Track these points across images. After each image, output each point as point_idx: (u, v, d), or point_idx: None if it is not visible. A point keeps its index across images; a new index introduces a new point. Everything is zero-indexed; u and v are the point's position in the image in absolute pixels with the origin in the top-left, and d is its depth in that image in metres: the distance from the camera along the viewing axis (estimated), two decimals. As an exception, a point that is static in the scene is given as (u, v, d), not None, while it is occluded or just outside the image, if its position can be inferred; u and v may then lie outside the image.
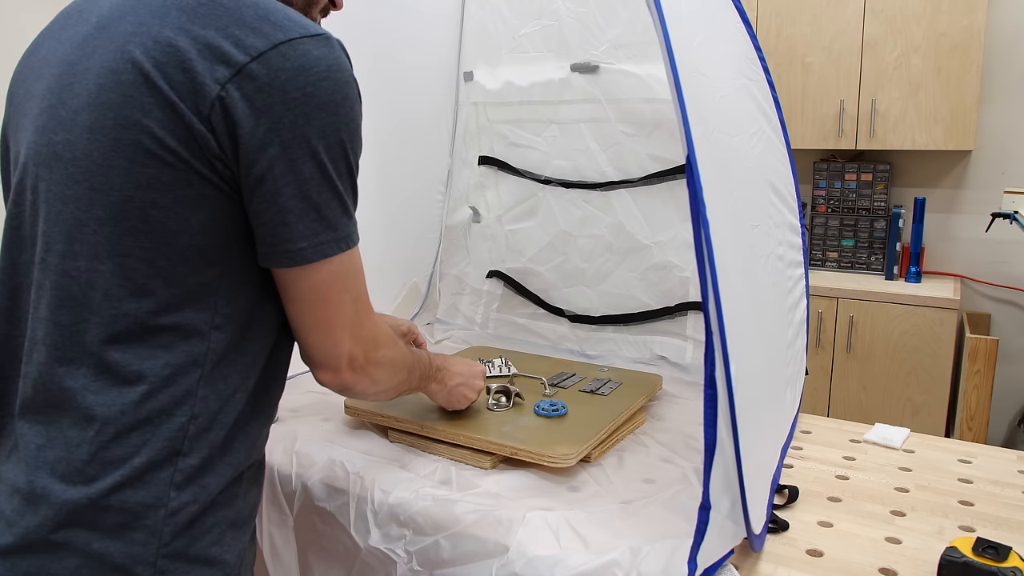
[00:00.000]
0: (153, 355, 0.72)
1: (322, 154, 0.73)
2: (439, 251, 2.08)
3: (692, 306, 1.68)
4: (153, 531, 0.71)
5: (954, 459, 1.26)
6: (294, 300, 0.78)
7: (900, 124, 2.81)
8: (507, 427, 1.23)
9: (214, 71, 0.68)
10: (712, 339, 0.81)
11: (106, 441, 0.70)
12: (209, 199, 0.72)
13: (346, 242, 0.78)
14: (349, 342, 0.80)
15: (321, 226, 0.75)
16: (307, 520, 1.15)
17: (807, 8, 2.88)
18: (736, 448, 0.84)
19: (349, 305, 0.79)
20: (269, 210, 0.72)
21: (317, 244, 0.75)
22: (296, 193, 0.72)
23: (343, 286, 0.78)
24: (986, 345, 2.57)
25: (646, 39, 1.64)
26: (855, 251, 3.09)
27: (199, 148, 0.70)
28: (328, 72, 0.72)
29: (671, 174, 1.66)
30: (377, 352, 0.84)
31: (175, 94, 0.68)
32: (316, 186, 0.73)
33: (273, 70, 0.69)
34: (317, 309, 0.78)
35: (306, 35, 0.72)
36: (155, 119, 0.69)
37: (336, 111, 0.73)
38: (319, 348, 0.80)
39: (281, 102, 0.69)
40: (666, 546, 0.92)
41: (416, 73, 1.86)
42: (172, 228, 0.71)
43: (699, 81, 0.89)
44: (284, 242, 0.74)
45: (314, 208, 0.74)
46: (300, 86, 0.70)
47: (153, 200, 0.70)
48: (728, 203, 0.91)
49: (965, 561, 0.87)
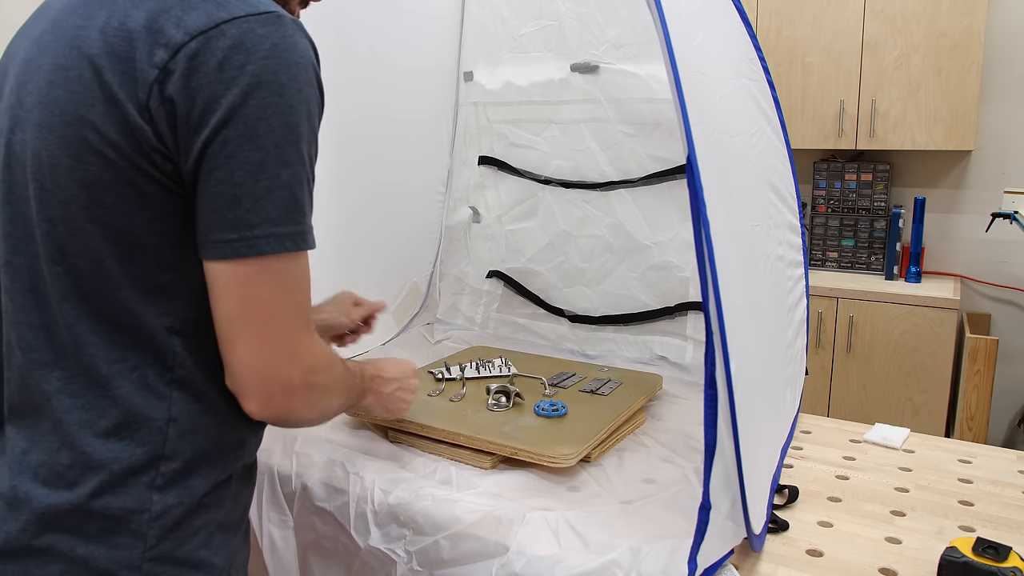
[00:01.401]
0: (121, 358, 0.70)
1: (263, 137, 0.65)
2: (439, 251, 2.08)
3: (692, 306, 1.68)
4: (138, 535, 0.70)
5: (954, 459, 1.26)
6: (219, 303, 0.69)
7: (900, 124, 2.80)
8: (507, 427, 1.23)
9: (152, 55, 0.65)
10: (712, 339, 0.81)
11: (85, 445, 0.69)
12: (152, 197, 0.68)
13: (291, 241, 0.68)
14: (286, 362, 0.70)
15: (258, 217, 0.66)
16: (307, 520, 1.15)
17: (807, 8, 2.88)
18: (736, 448, 0.84)
19: (288, 317, 0.69)
20: (203, 195, 0.67)
21: (251, 238, 0.66)
22: (229, 177, 0.65)
23: (283, 293, 0.69)
24: (986, 345, 2.57)
25: (646, 39, 1.64)
26: (855, 251, 3.09)
27: (138, 142, 0.66)
28: (273, 51, 0.66)
29: (671, 174, 1.66)
30: (316, 375, 0.73)
31: (116, 84, 0.65)
32: (254, 172, 0.65)
33: (212, 49, 0.64)
34: (247, 317, 0.68)
35: (252, 13, 0.66)
36: (98, 113, 0.66)
37: (280, 92, 0.66)
38: (248, 368, 0.69)
39: (217, 81, 0.64)
40: (666, 546, 0.92)
41: (416, 73, 1.86)
42: (117, 228, 0.68)
43: (699, 81, 0.89)
44: (213, 231, 0.67)
45: (250, 196, 0.66)
46: (239, 64, 0.64)
47: (97, 199, 0.67)
48: (728, 203, 0.91)
49: (965, 561, 0.87)
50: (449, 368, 1.52)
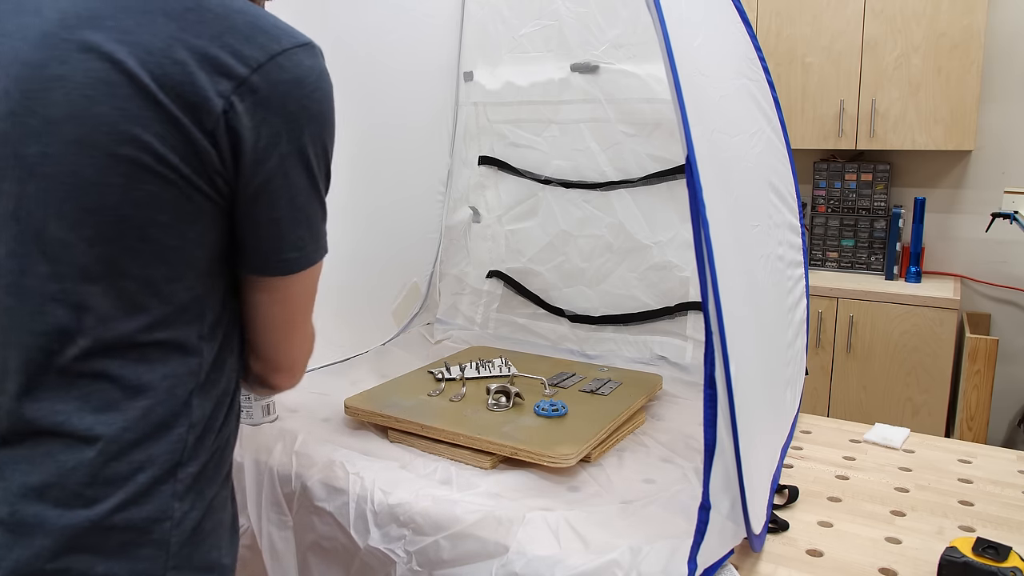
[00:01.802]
0: (151, 369, 0.71)
1: (312, 164, 0.74)
2: (439, 251, 2.08)
3: (692, 306, 1.68)
4: (161, 544, 0.70)
5: (954, 459, 1.26)
6: (272, 310, 0.79)
7: (900, 124, 2.80)
8: (507, 427, 1.23)
9: (216, 84, 0.66)
10: (712, 339, 0.81)
11: (108, 460, 0.68)
12: (206, 213, 0.71)
13: (323, 250, 0.80)
14: (304, 343, 0.85)
15: (309, 235, 0.76)
16: (306, 520, 1.15)
17: (807, 8, 2.88)
18: (736, 448, 0.84)
19: (311, 309, 0.83)
20: (266, 221, 0.73)
21: (306, 254, 0.77)
22: (291, 204, 0.73)
23: (313, 291, 0.81)
24: (986, 345, 2.57)
25: (646, 39, 1.64)
26: (855, 251, 3.09)
27: (201, 164, 0.68)
28: (318, 82, 0.72)
29: (671, 174, 1.66)
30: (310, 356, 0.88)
31: (177, 108, 0.66)
32: (307, 196, 0.74)
33: (272, 82, 0.69)
34: (294, 314, 0.80)
35: (297, 45, 0.71)
36: (155, 134, 0.66)
37: (324, 121, 0.74)
38: (286, 352, 0.83)
39: (281, 115, 0.70)
40: (666, 546, 0.92)
41: (416, 73, 1.86)
42: (170, 245, 0.69)
43: (699, 81, 0.89)
44: (277, 252, 0.75)
45: (306, 218, 0.75)
46: (297, 98, 0.70)
47: (152, 218, 0.68)
48: (728, 203, 0.91)
49: (965, 561, 0.87)
50: (449, 368, 1.52)
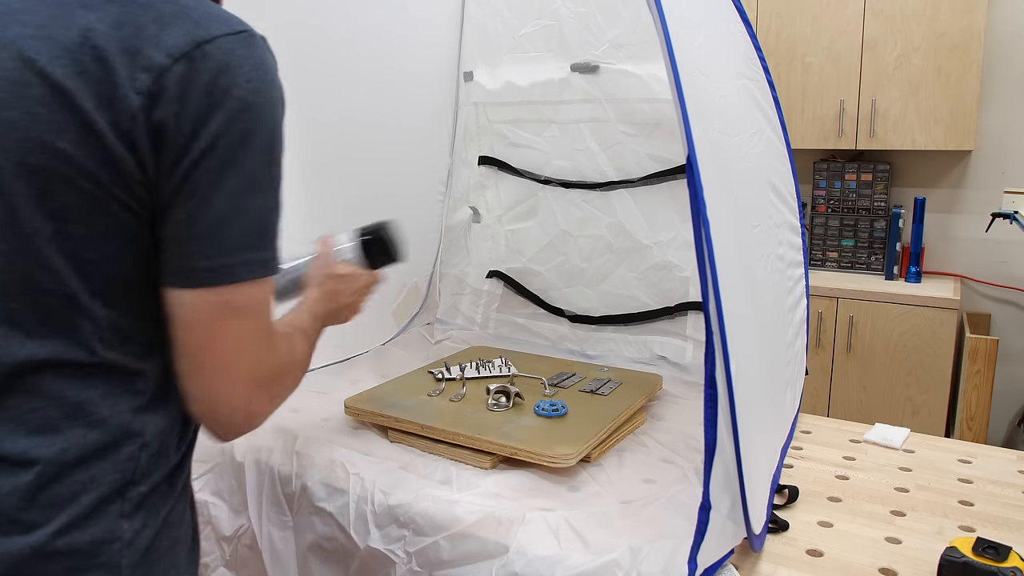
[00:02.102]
0: (90, 387, 0.66)
1: (243, 163, 0.64)
2: (439, 251, 2.08)
3: (692, 306, 1.68)
4: (110, 568, 0.65)
5: (954, 459, 1.26)
6: (186, 332, 0.66)
7: (900, 124, 2.80)
8: (507, 427, 1.23)
9: (135, 80, 0.61)
10: (712, 339, 0.81)
11: (46, 483, 0.64)
12: (125, 226, 0.65)
13: (261, 267, 0.66)
14: (250, 388, 0.68)
15: (234, 245, 0.65)
16: (307, 520, 1.15)
17: (807, 8, 2.88)
18: (736, 448, 0.84)
19: (252, 343, 0.67)
20: (182, 223, 0.64)
21: (228, 265, 0.64)
22: (207, 205, 0.63)
23: (250, 319, 0.67)
24: (986, 345, 2.57)
25: (646, 39, 1.64)
26: (855, 251, 3.09)
27: (118, 172, 0.62)
28: (252, 73, 0.64)
29: (671, 174, 1.66)
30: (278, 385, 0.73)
31: (93, 110, 0.60)
32: (233, 199, 0.64)
33: (196, 72, 0.62)
34: (216, 346, 0.66)
35: (229, 32, 0.64)
36: (69, 140, 0.61)
37: (260, 116, 0.65)
38: (215, 398, 0.67)
39: (204, 106, 0.62)
40: (666, 546, 0.92)
41: (416, 73, 1.86)
42: (89, 259, 0.64)
43: (699, 81, 0.89)
44: (188, 258, 0.64)
45: (228, 224, 0.64)
46: (224, 88, 0.63)
47: (66, 231, 0.63)
48: (728, 203, 0.91)
49: (965, 561, 0.87)
50: (449, 368, 1.52)
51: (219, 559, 1.25)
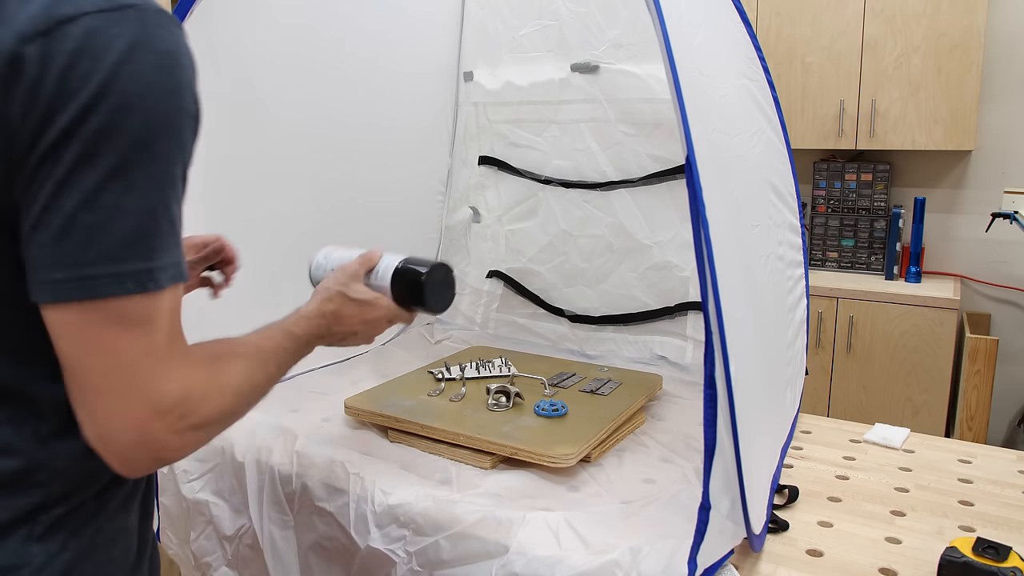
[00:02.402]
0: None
1: (102, 159, 0.54)
2: (439, 251, 2.08)
3: (692, 306, 1.68)
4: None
5: (954, 459, 1.26)
6: (60, 352, 0.57)
7: (900, 124, 2.80)
8: (507, 427, 1.23)
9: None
10: (712, 339, 0.81)
11: None
12: None
13: (134, 281, 0.55)
14: (143, 416, 0.57)
15: (92, 254, 0.54)
16: (307, 520, 1.15)
17: (807, 8, 2.88)
18: (736, 448, 0.84)
19: (145, 362, 0.57)
20: (36, 229, 0.54)
21: (84, 277, 0.54)
22: (57, 207, 0.53)
23: (130, 338, 0.56)
24: (986, 345, 2.57)
25: (646, 39, 1.64)
26: (855, 251, 3.09)
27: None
28: (127, 55, 0.54)
29: (671, 174, 1.66)
30: (193, 416, 0.61)
31: None
32: (88, 200, 0.53)
33: (51, 55, 0.52)
34: (91, 369, 0.56)
35: (104, 8, 0.54)
36: None
37: (129, 106, 0.54)
38: (101, 427, 0.58)
39: (56, 95, 0.52)
40: (666, 546, 0.92)
41: (416, 73, 1.86)
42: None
43: (699, 81, 0.89)
44: (41, 269, 0.55)
45: (82, 229, 0.54)
46: (83, 73, 0.53)
47: None
48: (728, 203, 0.91)
49: (965, 561, 0.87)
50: (449, 368, 1.52)
51: (221, 559, 1.25)
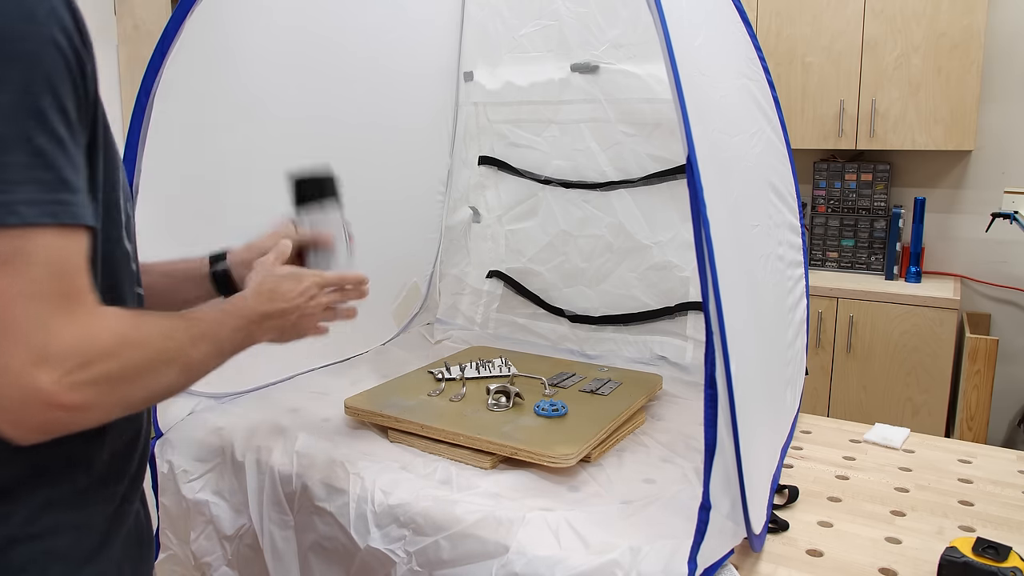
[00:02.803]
0: None
1: None
2: (439, 251, 2.08)
3: (692, 306, 1.68)
4: None
5: (954, 459, 1.26)
6: None
7: (900, 124, 2.80)
8: (507, 427, 1.23)
9: None
10: (712, 339, 0.81)
11: None
12: None
13: (9, 211, 0.53)
14: (27, 368, 0.53)
15: None
16: (307, 520, 1.15)
17: (807, 8, 2.88)
18: (736, 448, 0.84)
19: (21, 308, 0.54)
20: None
21: None
22: None
23: (15, 276, 0.54)
24: (986, 345, 2.57)
25: (646, 39, 1.64)
26: (855, 251, 3.09)
27: None
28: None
29: (671, 174, 1.66)
30: (90, 368, 0.57)
31: None
32: None
33: None
34: None
35: None
36: None
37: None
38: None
39: None
40: (666, 546, 0.92)
41: (416, 73, 1.86)
42: None
43: (699, 81, 0.89)
44: None
45: None
46: None
47: None
48: (728, 203, 0.91)
49: (965, 561, 0.87)
50: (449, 368, 1.52)
51: (221, 558, 1.25)
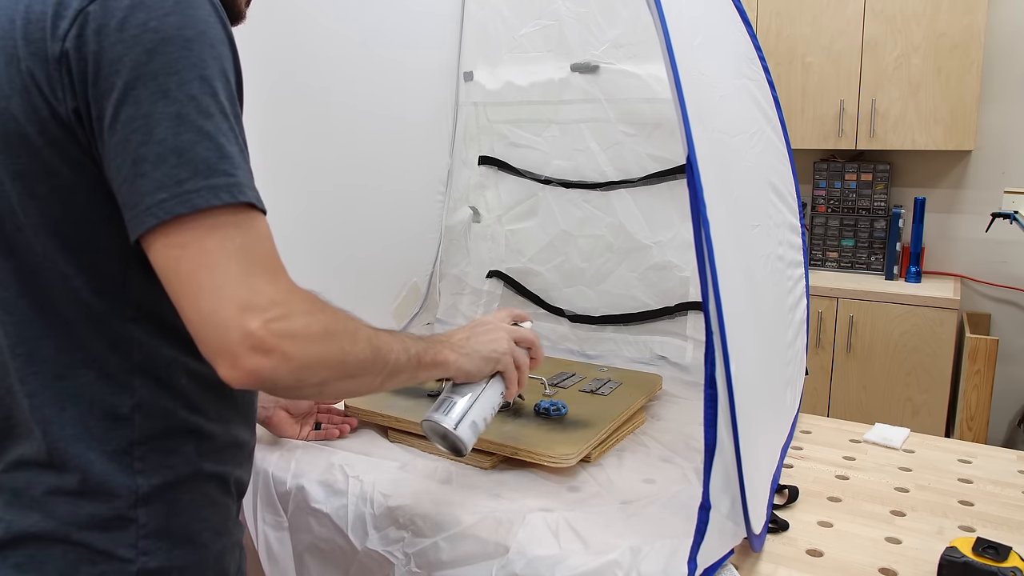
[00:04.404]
0: (78, 349, 0.69)
1: (176, 91, 0.62)
2: (439, 251, 2.08)
3: (692, 306, 1.68)
4: (126, 519, 0.71)
5: (954, 459, 1.26)
6: (163, 271, 0.63)
7: (900, 124, 2.80)
8: (507, 427, 1.23)
9: (57, 28, 0.63)
10: (712, 339, 0.81)
11: None
12: (81, 185, 0.66)
13: (227, 192, 0.63)
14: (234, 311, 0.62)
15: (186, 172, 0.61)
16: (302, 521, 1.15)
17: (807, 8, 2.88)
18: (736, 448, 0.84)
19: (233, 262, 0.63)
20: (124, 165, 0.62)
21: (183, 193, 0.61)
22: (147, 137, 0.61)
23: (224, 241, 0.62)
24: (986, 345, 2.57)
25: (646, 39, 1.64)
26: (855, 251, 3.09)
27: (55, 132, 0.65)
28: (176, 7, 0.63)
29: (671, 174, 1.66)
30: (288, 321, 0.65)
31: (35, 69, 0.64)
32: (171, 127, 0.62)
33: (111, 10, 0.62)
34: (186, 272, 0.62)
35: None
36: (17, 104, 0.65)
37: (188, 46, 0.63)
38: (201, 329, 0.63)
39: (119, 41, 0.61)
40: (666, 546, 0.92)
41: (416, 73, 1.86)
42: (54, 218, 0.67)
43: (699, 81, 0.89)
44: (143, 197, 0.61)
45: (174, 152, 0.61)
46: (141, 21, 0.62)
47: (30, 190, 0.66)
48: (728, 203, 0.91)
49: (965, 561, 0.87)
50: (449, 368, 1.52)
51: (219, 559, 1.25)
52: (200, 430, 0.77)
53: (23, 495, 0.71)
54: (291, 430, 1.24)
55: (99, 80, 0.62)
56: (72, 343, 0.70)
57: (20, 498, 0.71)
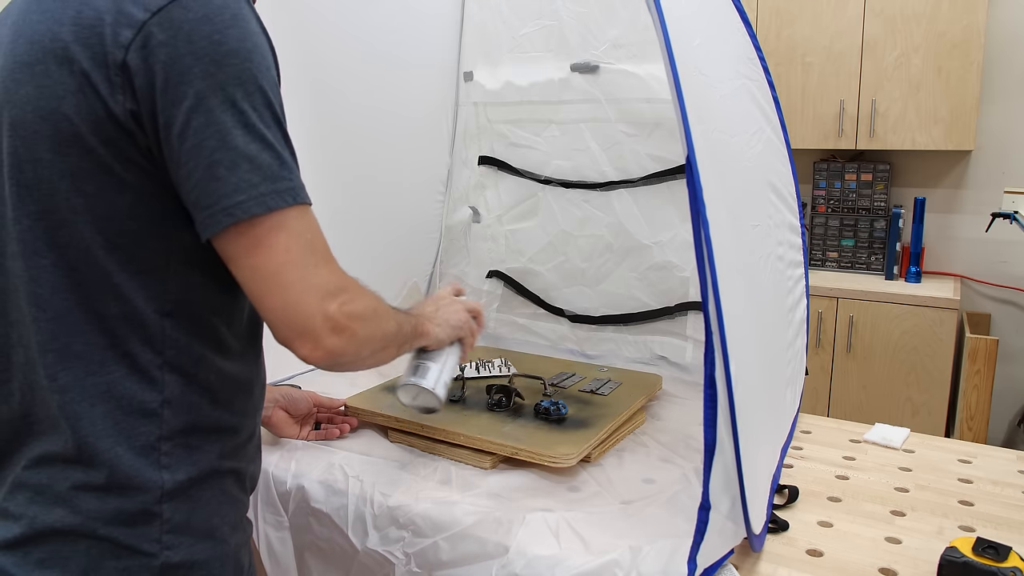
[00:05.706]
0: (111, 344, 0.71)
1: (242, 102, 0.68)
2: (439, 251, 2.08)
3: (692, 306, 1.68)
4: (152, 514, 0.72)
5: (954, 459, 1.26)
6: (244, 266, 0.70)
7: (900, 124, 2.81)
8: (507, 427, 1.23)
9: (118, 36, 0.66)
10: (712, 339, 0.81)
11: None
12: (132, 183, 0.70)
13: (291, 195, 0.70)
14: (316, 299, 0.71)
15: (258, 176, 0.68)
16: (303, 521, 1.15)
17: (807, 8, 2.88)
18: (736, 448, 0.84)
19: (308, 257, 0.71)
20: (197, 169, 0.67)
21: (258, 195, 0.68)
22: (221, 144, 0.67)
23: (296, 239, 0.70)
24: (986, 345, 2.57)
25: (646, 39, 1.64)
26: (855, 251, 3.09)
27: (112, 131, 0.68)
28: (234, 20, 0.68)
29: (671, 174, 1.66)
30: (354, 304, 0.74)
31: (92, 73, 0.66)
32: (241, 135, 0.67)
33: (176, 22, 0.66)
34: (271, 270, 0.69)
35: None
36: (70, 104, 0.67)
37: (250, 58, 0.68)
38: (286, 317, 0.70)
39: (188, 53, 0.66)
40: (666, 546, 0.92)
41: (416, 73, 1.86)
42: (101, 215, 0.70)
43: (699, 81, 0.89)
44: (221, 198, 0.67)
45: (245, 158, 0.67)
46: (206, 34, 0.66)
47: (79, 188, 0.69)
48: (728, 203, 0.91)
49: (965, 561, 0.87)
50: (449, 368, 1.52)
51: (219, 559, 1.25)
52: (222, 426, 0.79)
53: (46, 491, 0.71)
54: (290, 430, 1.24)
55: (168, 89, 0.66)
56: (105, 339, 0.71)
57: (43, 494, 0.71)
